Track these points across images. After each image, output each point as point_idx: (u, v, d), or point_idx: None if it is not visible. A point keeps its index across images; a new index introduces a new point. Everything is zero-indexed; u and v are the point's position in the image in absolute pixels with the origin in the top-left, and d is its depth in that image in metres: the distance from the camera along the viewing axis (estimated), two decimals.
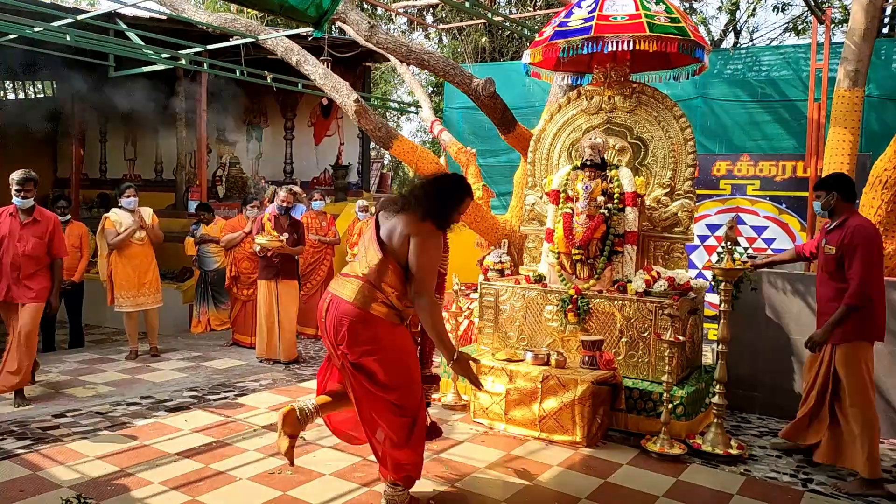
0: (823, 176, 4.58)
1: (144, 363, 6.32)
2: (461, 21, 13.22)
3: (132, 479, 3.63)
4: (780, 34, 15.18)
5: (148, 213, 6.57)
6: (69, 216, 6.95)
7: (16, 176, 5.02)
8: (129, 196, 6.44)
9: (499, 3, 14.66)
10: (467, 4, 7.72)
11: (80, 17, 6.87)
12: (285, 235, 6.41)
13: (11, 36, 7.15)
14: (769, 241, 7.12)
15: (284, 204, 6.59)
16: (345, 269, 3.35)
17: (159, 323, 6.81)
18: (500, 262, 5.49)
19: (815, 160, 6.35)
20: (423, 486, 3.59)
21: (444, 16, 14.87)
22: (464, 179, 3.46)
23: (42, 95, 15.34)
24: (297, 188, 8.81)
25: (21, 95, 15.77)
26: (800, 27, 13.68)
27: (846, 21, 8.95)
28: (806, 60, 7.49)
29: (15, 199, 5.00)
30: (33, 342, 5.04)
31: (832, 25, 7.51)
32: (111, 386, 5.52)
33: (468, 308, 6.14)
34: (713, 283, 4.95)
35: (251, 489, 3.56)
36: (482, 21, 11.16)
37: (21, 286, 4.99)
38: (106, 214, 6.49)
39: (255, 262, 7.12)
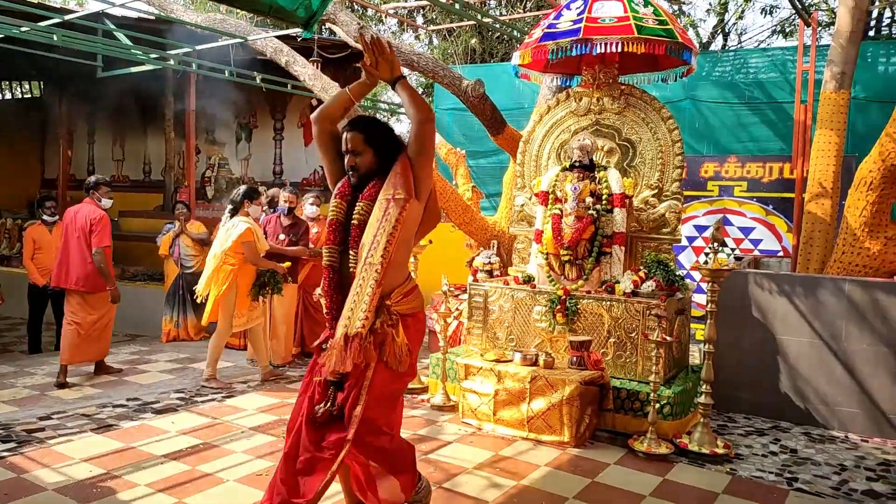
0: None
1: (132, 365, 6.27)
2: (451, 22, 13.23)
3: (118, 482, 3.61)
4: (768, 37, 15.28)
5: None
6: (57, 217, 6.89)
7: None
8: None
9: (489, 4, 14.68)
10: (457, 6, 7.72)
11: (67, 17, 6.83)
12: (282, 237, 6.30)
13: None
14: (756, 242, 7.17)
15: (288, 204, 6.37)
16: None
17: (139, 323, 6.53)
18: (490, 263, 5.49)
19: (802, 162, 6.40)
20: None
21: (434, 17, 14.87)
22: None
23: (29, 96, 15.25)
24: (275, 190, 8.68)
25: (8, 96, 15.67)
26: (787, 30, 13.80)
27: (833, 24, 9.03)
28: (793, 63, 7.54)
29: None
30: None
31: (819, 28, 7.57)
32: (97, 388, 5.48)
33: (457, 309, 6.15)
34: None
35: (238, 491, 3.55)
36: (472, 23, 11.19)
37: None
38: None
39: None
